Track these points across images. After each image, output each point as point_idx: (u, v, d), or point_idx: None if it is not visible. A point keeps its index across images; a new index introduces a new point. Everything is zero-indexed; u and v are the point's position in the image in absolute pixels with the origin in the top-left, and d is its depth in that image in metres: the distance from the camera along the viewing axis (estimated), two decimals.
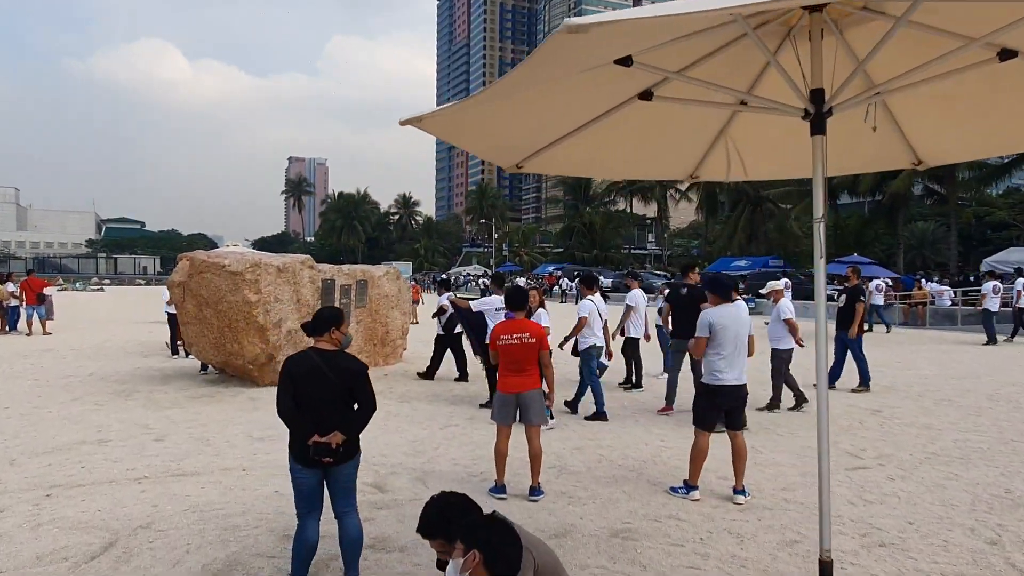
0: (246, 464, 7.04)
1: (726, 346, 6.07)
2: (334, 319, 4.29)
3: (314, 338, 4.24)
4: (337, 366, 4.14)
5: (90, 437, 8.02)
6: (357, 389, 4.18)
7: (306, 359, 4.13)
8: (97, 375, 12.64)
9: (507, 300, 6.55)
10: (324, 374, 4.08)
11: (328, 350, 4.21)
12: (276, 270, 11.11)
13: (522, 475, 6.77)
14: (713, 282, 6.46)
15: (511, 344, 6.14)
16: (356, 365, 4.23)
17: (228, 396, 10.63)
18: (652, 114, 3.85)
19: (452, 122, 3.28)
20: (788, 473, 7.10)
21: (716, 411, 6.17)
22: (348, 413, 4.20)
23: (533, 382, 6.17)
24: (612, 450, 7.96)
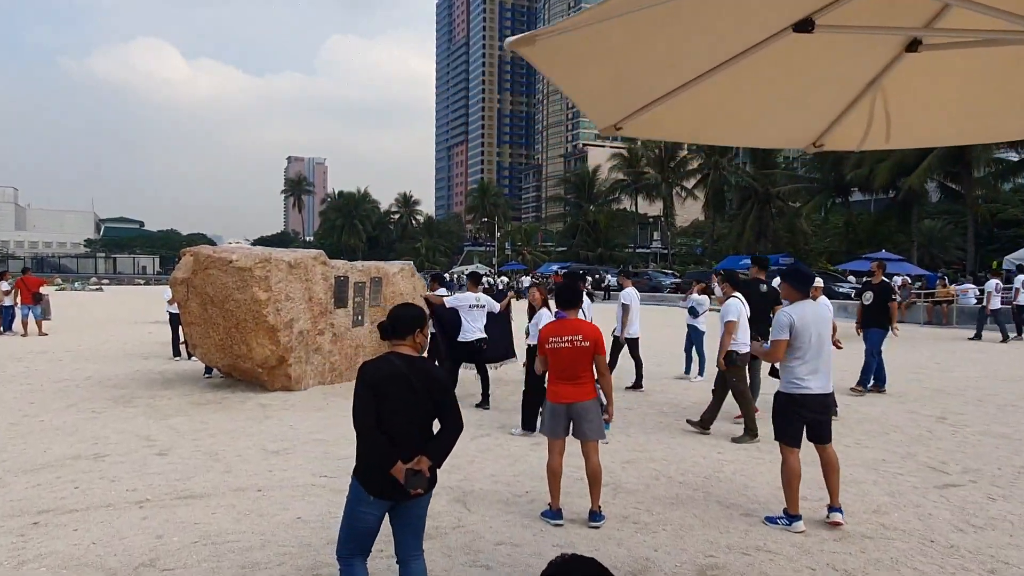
0: (261, 483, 6.22)
1: (808, 349, 5.25)
2: (418, 320, 3.60)
3: (392, 342, 3.54)
4: (424, 375, 3.44)
5: (85, 451, 7.19)
6: (443, 404, 3.48)
7: (388, 365, 3.43)
8: (94, 379, 11.81)
9: (558, 297, 5.71)
10: (410, 384, 3.38)
11: (411, 356, 3.50)
12: (287, 266, 10.29)
13: (572, 494, 5.97)
14: (793, 274, 5.62)
15: (561, 348, 5.34)
16: (443, 376, 3.56)
17: (236, 402, 9.81)
18: (781, 66, 3.05)
19: (562, 51, 2.48)
20: (872, 492, 6.29)
21: (799, 424, 5.34)
22: (429, 433, 3.51)
23: (587, 391, 5.35)
24: (667, 464, 7.15)
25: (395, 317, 3.58)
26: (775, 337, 5.31)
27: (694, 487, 6.40)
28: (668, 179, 65.89)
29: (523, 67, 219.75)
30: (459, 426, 3.49)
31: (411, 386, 3.38)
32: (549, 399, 5.50)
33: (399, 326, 3.53)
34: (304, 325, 10.60)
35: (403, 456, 3.33)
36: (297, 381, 10.57)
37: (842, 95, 3.37)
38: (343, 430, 8.22)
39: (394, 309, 3.68)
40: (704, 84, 3.10)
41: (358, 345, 12.11)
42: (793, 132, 3.69)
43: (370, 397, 3.35)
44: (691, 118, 3.35)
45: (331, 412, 9.25)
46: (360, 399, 3.37)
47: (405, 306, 3.74)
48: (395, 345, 3.53)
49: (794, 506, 5.32)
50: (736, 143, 4.40)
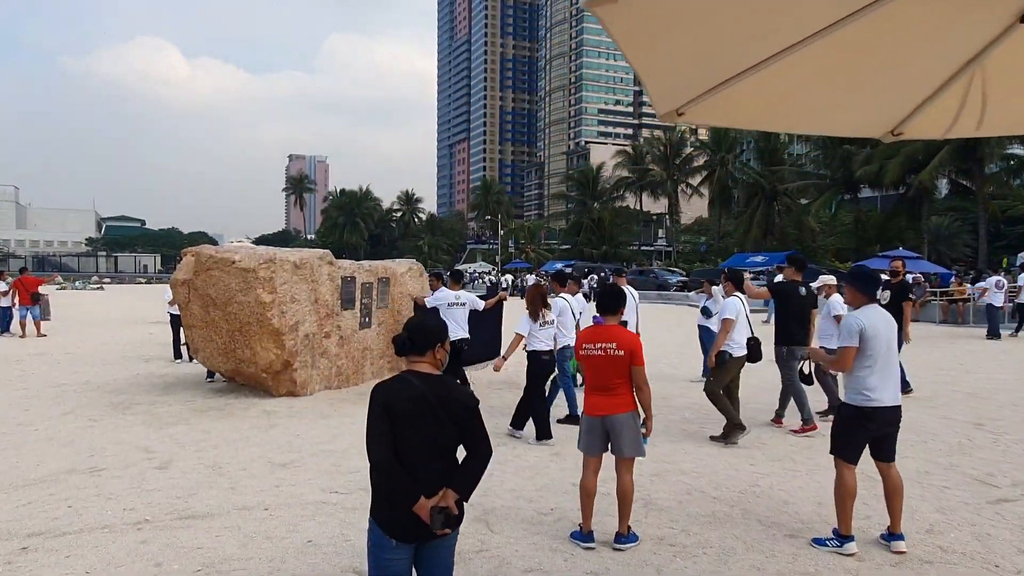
0: (268, 500, 5.81)
1: (878, 358, 4.81)
2: (439, 333, 3.17)
3: (409, 358, 3.10)
4: (446, 397, 3.00)
5: (81, 464, 6.78)
6: (470, 429, 3.04)
7: (406, 386, 2.99)
8: (92, 383, 11.41)
9: (599, 302, 5.29)
10: (431, 408, 2.95)
11: (431, 375, 3.07)
12: (292, 266, 9.88)
13: (600, 511, 5.55)
14: (859, 277, 5.11)
15: (594, 355, 4.95)
16: (468, 397, 3.10)
17: (239, 409, 9.40)
18: (865, 44, 2.64)
19: (642, 15, 2.06)
20: (922, 509, 5.86)
21: (864, 439, 4.90)
22: (453, 461, 3.08)
23: (624, 403, 4.93)
24: (698, 477, 6.73)
25: (413, 330, 3.15)
26: (844, 343, 4.86)
27: (730, 503, 5.99)
28: (673, 176, 65.43)
29: (525, 65, 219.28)
30: (487, 453, 3.05)
31: (432, 410, 2.94)
32: (584, 411, 5.11)
33: (418, 340, 3.10)
34: (310, 328, 10.19)
35: (426, 491, 2.91)
36: (303, 386, 10.16)
37: (933, 76, 2.94)
38: (352, 440, 7.82)
39: (411, 321, 3.28)
40: (777, 64, 2.68)
41: (365, 348, 11.70)
42: (870, 118, 3.26)
43: (386, 424, 2.92)
44: (759, 103, 2.93)
45: (339, 420, 8.84)
46: (374, 427, 2.94)
47: (430, 318, 3.34)
48: (413, 362, 3.09)
49: (847, 526, 4.90)
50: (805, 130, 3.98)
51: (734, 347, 7.98)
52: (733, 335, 7.93)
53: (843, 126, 3.57)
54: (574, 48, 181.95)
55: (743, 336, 8.05)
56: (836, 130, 3.52)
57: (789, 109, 3.09)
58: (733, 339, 7.94)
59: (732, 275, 8.74)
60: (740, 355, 8.02)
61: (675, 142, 66.91)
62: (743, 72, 2.73)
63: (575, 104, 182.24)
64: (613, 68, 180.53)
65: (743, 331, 8.05)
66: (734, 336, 7.94)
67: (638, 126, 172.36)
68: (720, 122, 3.19)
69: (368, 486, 6.22)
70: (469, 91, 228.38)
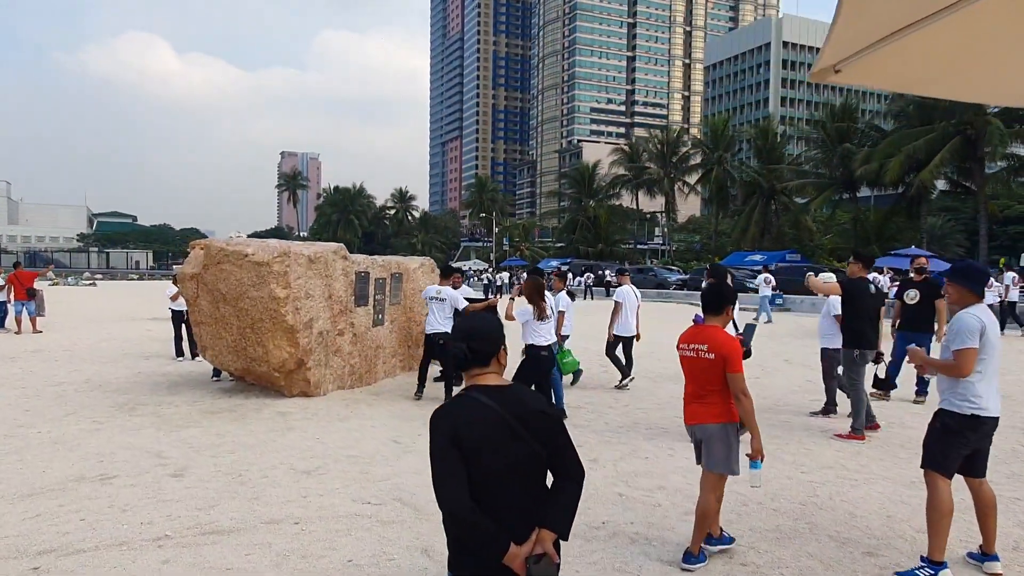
0: (297, 512, 5.35)
1: (990, 362, 4.36)
2: (499, 333, 2.63)
3: (471, 372, 2.57)
4: (527, 412, 2.45)
5: (90, 471, 6.30)
6: (557, 448, 2.49)
7: (476, 408, 2.45)
8: (93, 382, 10.91)
9: (703, 299, 4.82)
10: (510, 430, 2.41)
11: (500, 386, 2.54)
12: (307, 260, 9.41)
13: (656, 525, 5.13)
14: (968, 273, 4.57)
15: (687, 357, 4.58)
16: (551, 408, 2.55)
17: (252, 411, 8.92)
18: None
19: None
20: (1002, 524, 5.44)
21: (963, 451, 4.44)
22: (541, 490, 2.53)
23: (714, 413, 4.50)
24: (747, 484, 6.29)
25: (471, 337, 2.54)
26: (965, 345, 4.28)
27: (793, 516, 5.57)
28: (670, 174, 65.06)
29: (517, 63, 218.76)
30: (581, 474, 2.53)
31: (511, 431, 2.40)
32: (685, 420, 4.75)
33: (479, 348, 2.53)
34: (324, 325, 9.73)
35: (515, 535, 2.39)
36: (316, 386, 9.70)
37: None
38: (376, 445, 7.38)
39: (467, 323, 2.65)
40: (952, 17, 2.25)
41: (378, 346, 11.25)
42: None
43: (456, 462, 2.38)
44: (923, 63, 2.51)
45: (357, 422, 8.40)
46: (442, 467, 2.38)
47: (480, 317, 2.68)
48: (475, 376, 2.55)
49: (940, 551, 4.41)
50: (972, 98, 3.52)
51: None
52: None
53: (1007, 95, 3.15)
54: (567, 46, 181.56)
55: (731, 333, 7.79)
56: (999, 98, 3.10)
57: (957, 72, 2.67)
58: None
59: (716, 271, 8.43)
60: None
61: (672, 140, 66.56)
62: (910, 26, 2.30)
63: (568, 102, 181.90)
64: (606, 67, 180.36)
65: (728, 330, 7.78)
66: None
67: (630, 125, 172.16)
68: (876, 83, 2.77)
69: (403, 496, 5.83)
70: (462, 89, 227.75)
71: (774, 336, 17.62)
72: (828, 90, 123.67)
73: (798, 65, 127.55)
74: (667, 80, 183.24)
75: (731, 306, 4.73)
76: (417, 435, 7.87)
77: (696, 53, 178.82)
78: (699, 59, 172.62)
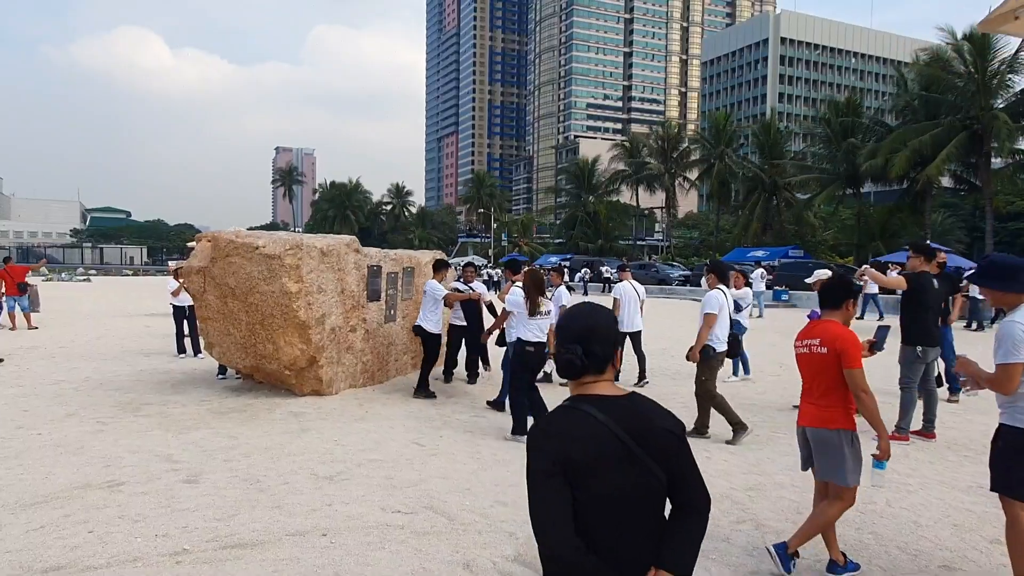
0: (323, 523, 4.95)
1: None
2: (616, 331, 2.19)
3: (587, 378, 2.12)
4: (646, 428, 2.02)
5: (96, 477, 5.88)
6: (677, 471, 2.05)
7: (585, 424, 2.01)
8: (93, 380, 10.48)
9: (821, 293, 4.40)
10: (626, 451, 1.98)
11: (615, 397, 2.09)
12: (319, 253, 8.99)
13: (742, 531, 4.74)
14: (995, 271, 4.19)
15: (801, 354, 4.26)
16: (674, 424, 2.09)
17: (263, 411, 8.51)
18: None
19: None
20: None
21: None
22: (655, 523, 2.07)
23: (828, 417, 4.11)
24: (799, 491, 5.91)
25: (589, 335, 2.09)
26: (1009, 359, 3.72)
27: (855, 525, 5.18)
28: (671, 169, 64.67)
29: (514, 58, 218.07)
30: (706, 504, 2.11)
31: (628, 452, 1.97)
32: (797, 421, 4.42)
33: (600, 349, 2.09)
34: (336, 321, 9.31)
35: (625, 569, 1.99)
36: (328, 384, 9.30)
37: None
38: (398, 447, 6.98)
39: (582, 321, 2.13)
40: None
41: (390, 343, 10.85)
42: None
43: (562, 491, 1.96)
44: None
45: (375, 423, 7.99)
46: (546, 498, 1.96)
47: (595, 311, 2.17)
48: (586, 384, 2.11)
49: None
50: None
51: (717, 342, 7.48)
52: (716, 330, 7.45)
53: None
54: (564, 42, 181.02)
55: (725, 331, 7.61)
56: None
57: None
58: (716, 335, 7.45)
59: (715, 267, 8.17)
60: (723, 350, 7.55)
61: (672, 135, 66.17)
62: None
63: (564, 98, 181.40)
64: (603, 63, 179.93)
65: (726, 327, 7.61)
66: (717, 332, 7.46)
67: (627, 121, 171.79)
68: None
69: (434, 504, 5.41)
70: (458, 84, 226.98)
71: (782, 331, 17.27)
72: (826, 86, 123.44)
73: (796, 61, 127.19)
74: (664, 76, 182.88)
75: (852, 300, 4.30)
76: (439, 436, 7.48)
77: (693, 49, 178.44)
78: (696, 55, 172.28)
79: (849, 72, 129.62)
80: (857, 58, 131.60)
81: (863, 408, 4.01)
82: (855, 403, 4.10)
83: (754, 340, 11.72)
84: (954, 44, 36.02)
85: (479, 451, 6.97)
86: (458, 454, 6.83)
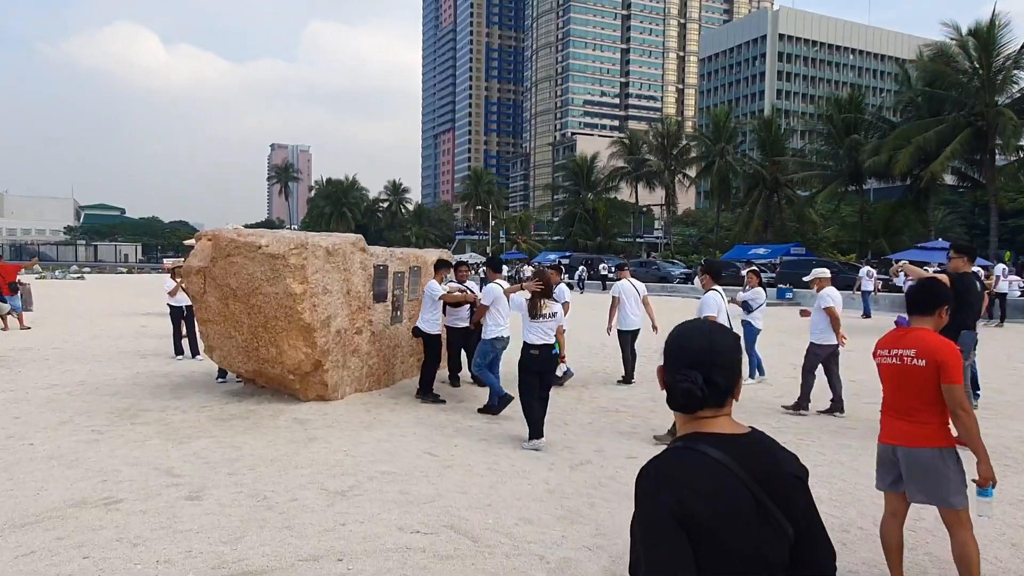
0: (338, 546, 4.58)
1: None
2: (738, 353, 1.83)
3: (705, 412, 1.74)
4: (772, 475, 1.67)
5: (92, 493, 5.49)
6: (803, 520, 1.69)
7: (708, 468, 1.64)
8: (88, 384, 10.09)
9: (910, 297, 4.01)
10: (754, 500, 1.62)
11: (737, 436, 1.73)
12: (325, 253, 8.62)
13: None
14: None
15: (888, 365, 3.84)
16: (794, 463, 1.75)
17: (266, 417, 8.13)
18: None
19: None
20: None
21: None
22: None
23: (925, 434, 3.71)
24: (842, 507, 5.57)
25: (705, 360, 1.72)
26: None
27: (908, 544, 4.79)
28: (671, 167, 64.31)
29: (510, 55, 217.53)
30: (833, 560, 1.75)
31: (755, 502, 1.62)
32: (879, 436, 3.99)
33: (719, 377, 1.71)
34: (342, 323, 8.94)
35: None
36: (333, 389, 8.93)
37: None
38: (411, 458, 6.62)
39: (700, 342, 1.76)
40: None
41: (396, 345, 10.49)
42: None
43: (684, 549, 1.58)
44: None
45: (385, 431, 7.62)
46: (664, 554, 1.58)
47: (710, 330, 1.80)
48: (703, 419, 1.74)
49: None
50: None
51: None
52: None
53: None
54: (560, 39, 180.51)
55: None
56: None
57: None
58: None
59: (710, 267, 7.93)
60: None
61: (672, 132, 65.81)
62: None
63: (561, 95, 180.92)
64: (599, 59, 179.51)
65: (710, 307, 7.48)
66: None
67: (624, 118, 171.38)
68: None
69: (455, 523, 5.00)
70: (454, 81, 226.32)
71: (788, 331, 16.94)
72: (824, 83, 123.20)
73: (794, 58, 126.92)
74: (661, 73, 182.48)
75: (946, 306, 3.91)
76: (453, 446, 7.11)
77: (691, 46, 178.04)
78: (693, 52, 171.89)
79: (847, 69, 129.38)
80: (855, 55, 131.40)
81: (961, 427, 3.65)
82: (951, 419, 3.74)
83: (762, 340, 11.40)
84: (959, 40, 35.72)
85: (496, 462, 6.61)
86: (474, 465, 6.47)
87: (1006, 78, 35.15)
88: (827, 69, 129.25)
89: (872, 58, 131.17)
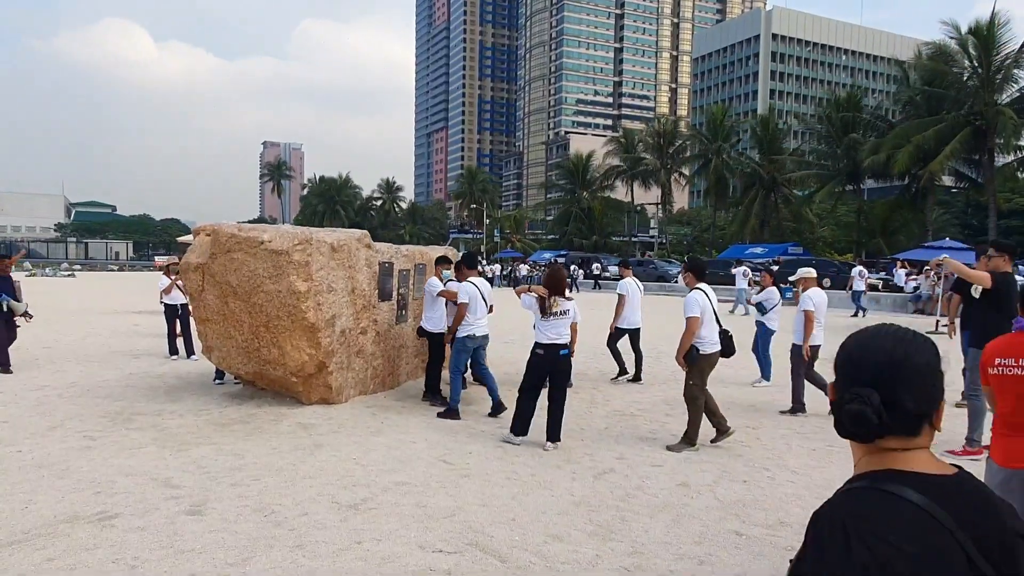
0: (355, 568, 4.18)
1: None
2: (941, 373, 1.40)
3: (891, 441, 1.35)
4: (990, 529, 1.27)
5: (85, 507, 5.08)
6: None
7: (909, 518, 1.23)
8: (80, 386, 9.66)
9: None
10: (968, 564, 1.21)
11: (941, 478, 1.32)
12: (330, 249, 8.22)
13: None
14: None
15: (1012, 376, 3.36)
16: (1016, 518, 1.33)
17: (268, 422, 7.73)
18: None
19: None
20: None
21: None
22: None
23: None
24: None
25: (887, 375, 1.34)
26: None
27: None
28: (667, 165, 64.02)
29: (504, 53, 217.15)
30: None
31: (968, 564, 1.23)
32: (992, 455, 3.48)
33: (907, 398, 1.34)
34: (347, 323, 8.55)
35: None
36: (338, 392, 8.53)
37: None
38: (424, 467, 6.23)
39: (870, 352, 1.39)
40: None
41: (401, 345, 10.10)
42: None
43: None
44: None
45: (394, 437, 7.23)
46: None
47: (898, 338, 1.40)
48: (891, 452, 1.36)
49: None
50: None
51: (704, 344, 7.01)
52: (701, 332, 6.99)
53: None
54: (554, 37, 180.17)
55: (713, 331, 7.11)
56: None
57: None
58: (701, 335, 6.99)
59: (693, 265, 7.63)
60: (711, 351, 7.07)
61: (668, 131, 65.51)
62: None
63: (555, 94, 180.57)
64: (593, 58, 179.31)
65: (711, 326, 7.11)
66: (702, 332, 6.99)
67: (618, 117, 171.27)
68: None
69: (478, 540, 4.58)
70: (447, 79, 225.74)
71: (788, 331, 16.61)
72: (817, 83, 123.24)
73: (787, 58, 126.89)
74: (654, 72, 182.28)
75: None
76: (468, 453, 6.73)
77: (684, 45, 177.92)
78: (687, 51, 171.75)
79: (840, 69, 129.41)
80: (848, 55, 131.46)
81: None
82: None
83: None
84: (958, 39, 35.54)
85: (515, 470, 6.23)
86: (492, 475, 6.09)
87: (1006, 77, 34.99)
88: (820, 69, 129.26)
89: (865, 59, 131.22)
